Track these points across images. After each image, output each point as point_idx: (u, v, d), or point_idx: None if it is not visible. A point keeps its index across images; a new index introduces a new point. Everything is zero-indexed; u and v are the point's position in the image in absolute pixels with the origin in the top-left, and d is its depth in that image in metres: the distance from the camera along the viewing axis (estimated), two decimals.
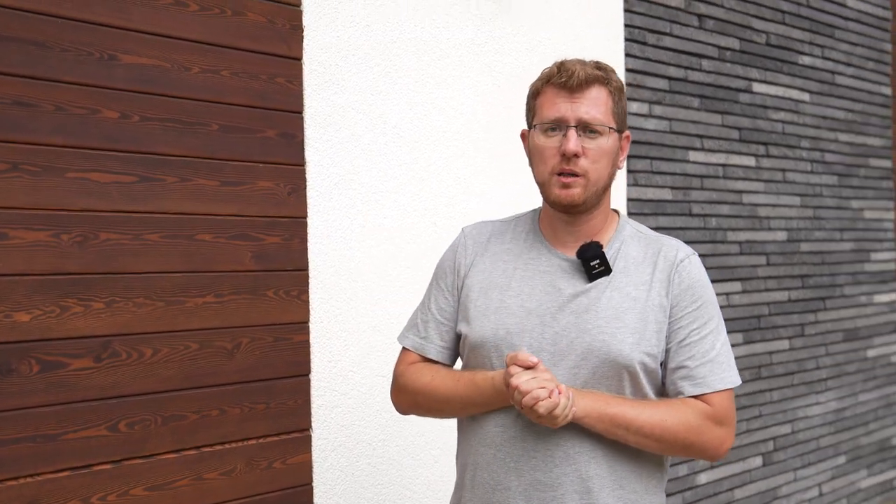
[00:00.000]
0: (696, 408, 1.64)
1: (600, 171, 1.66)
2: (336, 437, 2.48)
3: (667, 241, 1.73)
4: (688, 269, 1.68)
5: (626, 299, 1.65)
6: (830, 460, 4.37)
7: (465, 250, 1.81)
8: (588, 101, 1.65)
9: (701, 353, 1.65)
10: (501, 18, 2.94)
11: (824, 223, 4.35)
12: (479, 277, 1.76)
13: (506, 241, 1.79)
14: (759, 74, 4.00)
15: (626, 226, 1.76)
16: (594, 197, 1.67)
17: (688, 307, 1.66)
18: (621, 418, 1.60)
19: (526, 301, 1.69)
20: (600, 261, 1.66)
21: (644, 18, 3.48)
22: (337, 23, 2.50)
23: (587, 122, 1.65)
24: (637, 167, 3.44)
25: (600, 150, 1.65)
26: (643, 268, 1.69)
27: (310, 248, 2.43)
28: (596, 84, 1.66)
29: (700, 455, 1.69)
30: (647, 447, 1.64)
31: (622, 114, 1.70)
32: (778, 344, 4.09)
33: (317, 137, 2.45)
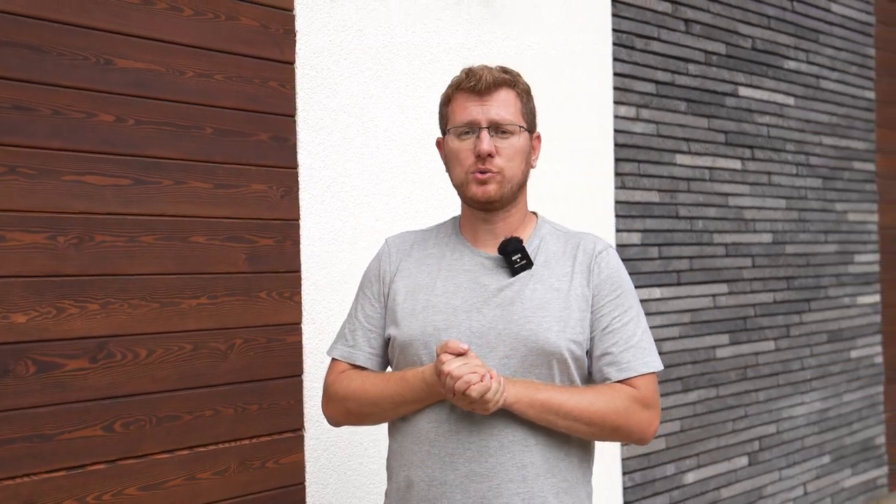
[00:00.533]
0: (622, 392, 1.70)
1: (514, 169, 1.73)
2: (328, 437, 2.50)
3: (584, 236, 1.80)
4: (606, 260, 1.76)
5: (550, 290, 1.72)
6: (815, 460, 4.41)
7: (389, 258, 1.85)
8: (497, 103, 1.73)
9: (624, 339, 1.72)
10: (491, 23, 2.97)
11: (809, 225, 4.40)
12: (404, 282, 1.80)
13: (429, 246, 1.84)
14: (745, 78, 4.05)
15: (544, 224, 1.83)
16: (510, 194, 1.74)
17: (608, 296, 1.73)
18: (551, 403, 1.64)
19: (451, 298, 1.74)
20: (521, 255, 1.73)
21: (632, 23, 3.52)
22: (329, 27, 2.53)
23: (498, 122, 1.72)
24: (624, 170, 3.48)
25: (513, 148, 1.73)
26: (563, 261, 1.76)
27: (302, 250, 2.46)
28: (504, 87, 1.74)
29: (628, 438, 1.74)
30: (577, 431, 1.69)
31: (531, 114, 1.79)
32: (763, 345, 4.13)
33: (309, 141, 2.48)
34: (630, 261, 3.49)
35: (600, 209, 3.38)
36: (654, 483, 3.59)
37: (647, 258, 3.58)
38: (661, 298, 3.63)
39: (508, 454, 1.68)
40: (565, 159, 3.23)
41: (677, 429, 3.69)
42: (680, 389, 3.70)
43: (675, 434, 3.68)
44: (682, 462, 3.71)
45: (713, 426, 3.86)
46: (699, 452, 3.80)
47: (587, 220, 3.31)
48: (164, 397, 2.19)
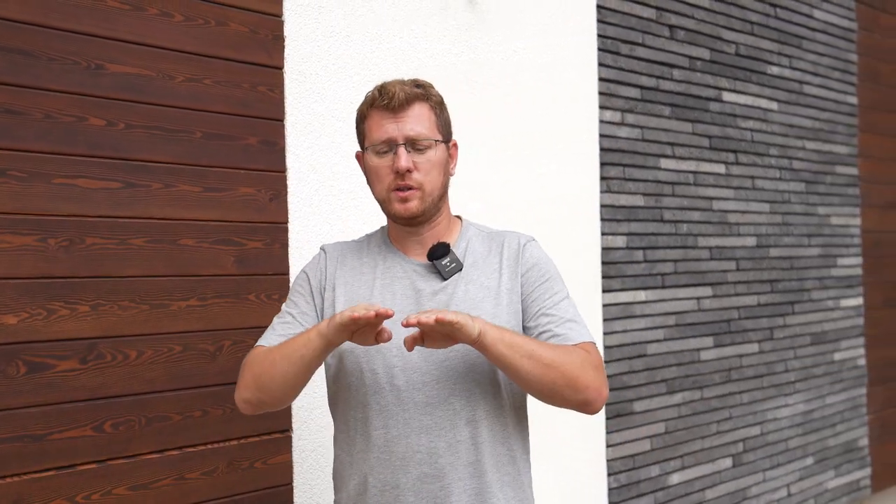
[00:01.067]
0: (577, 349, 1.73)
1: (433, 182, 1.78)
2: (316, 438, 2.53)
3: (508, 234, 1.87)
4: (531, 251, 1.83)
5: (481, 289, 1.79)
6: (799, 461, 4.45)
7: (324, 263, 1.87)
8: (412, 119, 1.76)
9: (558, 316, 1.77)
10: (478, 29, 3.01)
11: (792, 229, 4.45)
12: (342, 291, 1.83)
13: (362, 256, 1.88)
14: (729, 84, 4.09)
15: (469, 227, 1.89)
16: (432, 206, 1.79)
17: (536, 281, 1.80)
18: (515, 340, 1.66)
19: (389, 305, 1.75)
20: (450, 258, 1.79)
21: (617, 29, 3.55)
22: (317, 33, 2.56)
23: (413, 138, 1.76)
24: (610, 174, 3.52)
25: (430, 162, 1.77)
26: (490, 259, 1.83)
27: (290, 252, 2.49)
28: (416, 101, 1.77)
29: (582, 393, 1.70)
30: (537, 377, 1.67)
31: (446, 125, 1.83)
32: (747, 347, 4.17)
33: (297, 145, 2.51)
34: (615, 264, 3.53)
35: (586, 213, 3.41)
36: (638, 484, 3.62)
37: (633, 261, 3.61)
38: (645, 301, 3.66)
39: (456, 454, 1.73)
40: (551, 163, 3.27)
41: (662, 430, 3.72)
42: (664, 391, 3.73)
43: (659, 436, 3.71)
44: (666, 463, 3.74)
45: (698, 428, 3.89)
46: (684, 454, 3.83)
47: (573, 224, 3.35)
48: (153, 398, 2.22)
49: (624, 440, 3.56)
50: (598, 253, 3.46)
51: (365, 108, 1.81)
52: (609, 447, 3.47)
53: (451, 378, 1.74)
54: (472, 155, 2.92)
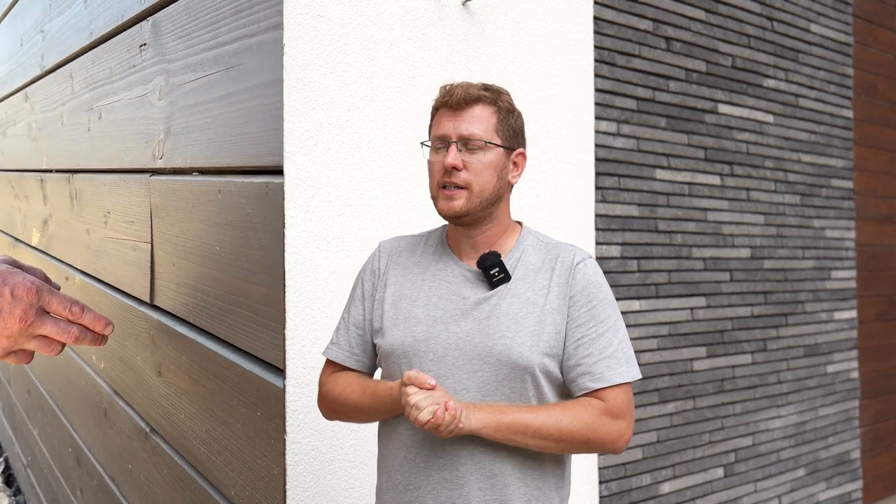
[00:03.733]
0: (590, 405, 1.71)
1: (483, 184, 1.76)
2: (309, 441, 2.54)
3: (564, 247, 1.82)
4: (583, 272, 1.77)
5: (526, 304, 1.75)
6: (790, 473, 4.46)
7: (378, 263, 1.91)
8: (469, 119, 1.77)
9: (598, 350, 1.73)
10: (475, 39, 3.04)
11: (787, 241, 4.47)
12: (391, 290, 1.86)
13: (416, 254, 1.89)
14: (725, 96, 4.12)
15: (527, 236, 1.85)
16: (479, 208, 1.77)
17: (583, 307, 1.75)
18: (517, 425, 1.66)
19: (433, 310, 1.79)
20: (499, 269, 1.76)
21: (613, 41, 3.58)
22: (315, 41, 2.59)
23: (467, 137, 1.76)
24: (605, 184, 3.54)
25: (481, 163, 1.76)
26: (542, 274, 1.78)
27: (286, 258, 2.50)
28: (479, 103, 1.78)
29: (600, 450, 1.76)
30: (547, 449, 1.72)
31: (511, 132, 1.81)
32: (740, 358, 4.19)
33: (295, 151, 2.53)
34: (609, 273, 3.55)
35: (581, 222, 3.43)
36: (630, 492, 3.63)
37: (627, 271, 3.63)
38: (639, 311, 3.68)
39: (478, 463, 1.73)
40: (547, 172, 3.29)
41: (654, 440, 3.74)
42: (657, 401, 3.74)
43: (651, 445, 3.72)
44: (658, 472, 3.75)
45: (689, 437, 3.91)
46: (675, 463, 3.84)
47: (567, 233, 3.37)
48: None
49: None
50: None
51: (434, 108, 1.85)
52: (600, 455, 3.49)
53: (481, 389, 1.73)
54: None
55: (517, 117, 1.83)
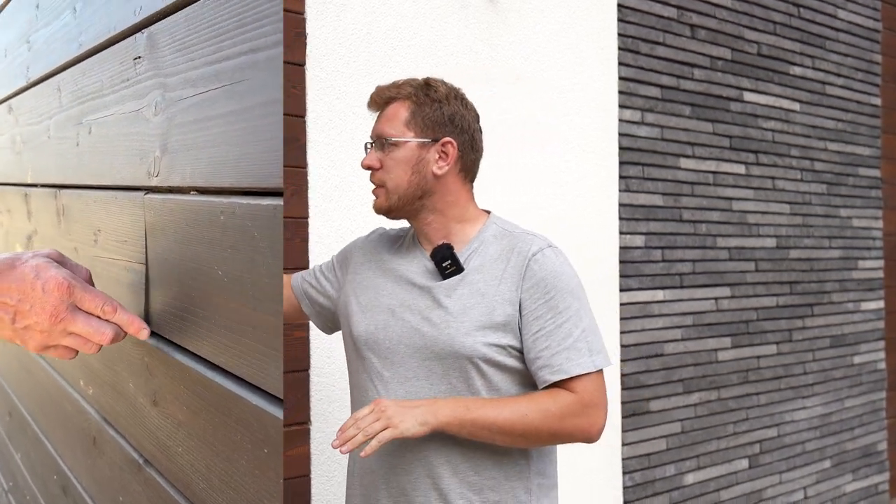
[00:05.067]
0: (558, 397, 1.68)
1: (396, 180, 1.77)
2: (333, 430, 2.55)
3: (523, 237, 1.78)
4: (539, 262, 1.73)
5: (475, 295, 1.73)
6: (816, 464, 4.43)
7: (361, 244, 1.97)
8: (383, 118, 1.80)
9: (556, 342, 1.69)
10: (498, 27, 3.02)
11: (813, 231, 4.42)
12: (364, 276, 1.89)
13: (394, 245, 1.92)
14: (751, 84, 4.07)
15: (490, 226, 1.82)
16: (402, 204, 1.79)
17: (539, 299, 1.71)
18: (482, 420, 1.64)
19: (391, 299, 1.81)
20: (451, 261, 1.76)
21: (637, 28, 3.55)
22: (339, 30, 2.58)
23: (379, 136, 1.79)
24: (629, 173, 3.52)
25: (393, 160, 1.77)
26: (497, 264, 1.75)
27: (310, 247, 2.51)
28: (393, 101, 1.80)
29: (571, 441, 1.73)
30: (516, 444, 1.70)
31: (429, 123, 1.78)
32: (765, 349, 4.16)
33: (318, 141, 2.53)
34: (633, 263, 3.53)
35: (604, 212, 3.42)
36: (653, 483, 3.62)
37: (651, 261, 3.61)
38: (663, 301, 3.66)
39: (426, 450, 1.72)
40: (570, 161, 3.27)
41: (678, 430, 3.72)
42: (681, 391, 3.72)
43: (675, 435, 3.71)
44: (682, 463, 3.74)
45: (714, 428, 3.89)
46: (699, 454, 3.82)
47: (591, 223, 3.35)
48: None
49: (639, 439, 3.56)
50: (616, 252, 3.46)
51: None
52: (624, 446, 3.48)
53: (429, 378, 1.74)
54: (490, 153, 2.93)
55: (442, 106, 1.78)
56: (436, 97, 1.79)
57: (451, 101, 1.80)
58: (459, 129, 1.80)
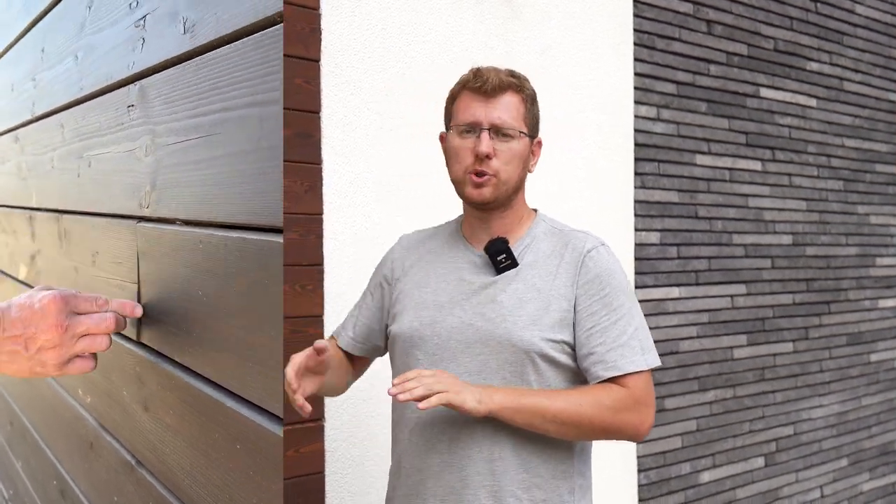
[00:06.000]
0: (611, 391, 1.68)
1: (510, 172, 1.76)
2: (348, 427, 2.55)
3: (576, 235, 1.79)
4: (594, 259, 1.74)
5: (530, 290, 1.73)
6: (832, 463, 4.40)
7: (393, 255, 1.95)
8: (501, 106, 1.76)
9: (611, 339, 1.70)
10: (513, 22, 3.01)
11: (830, 228, 4.39)
12: (406, 279, 1.88)
13: (430, 243, 1.91)
14: (767, 80, 4.05)
15: (540, 223, 1.84)
16: (504, 196, 1.78)
17: (595, 295, 1.72)
18: (537, 407, 1.64)
19: (439, 295, 1.80)
20: (506, 255, 1.76)
21: (653, 24, 3.53)
22: (353, 26, 2.57)
23: (499, 125, 1.75)
24: (644, 170, 3.50)
25: (511, 152, 1.76)
26: (551, 260, 1.76)
27: (325, 244, 2.50)
28: (509, 90, 1.77)
29: (620, 437, 1.73)
30: (566, 435, 1.70)
31: (534, 120, 1.82)
32: (782, 346, 4.13)
33: (333, 137, 2.52)
34: (648, 260, 3.51)
35: (620, 208, 3.40)
36: (669, 481, 3.60)
37: (666, 258, 3.59)
38: (678, 298, 3.64)
39: (477, 447, 1.71)
40: (586, 158, 3.25)
41: (693, 428, 3.70)
42: (696, 389, 3.71)
43: (691, 433, 3.69)
44: (697, 461, 3.72)
45: (729, 426, 3.87)
46: (715, 452, 3.80)
47: (606, 219, 3.33)
48: None
49: (655, 437, 3.54)
50: (632, 248, 3.45)
51: (457, 89, 1.83)
52: (640, 443, 3.46)
53: (482, 372, 1.72)
54: None
55: (537, 105, 1.84)
56: (535, 95, 1.83)
57: (537, 102, 1.85)
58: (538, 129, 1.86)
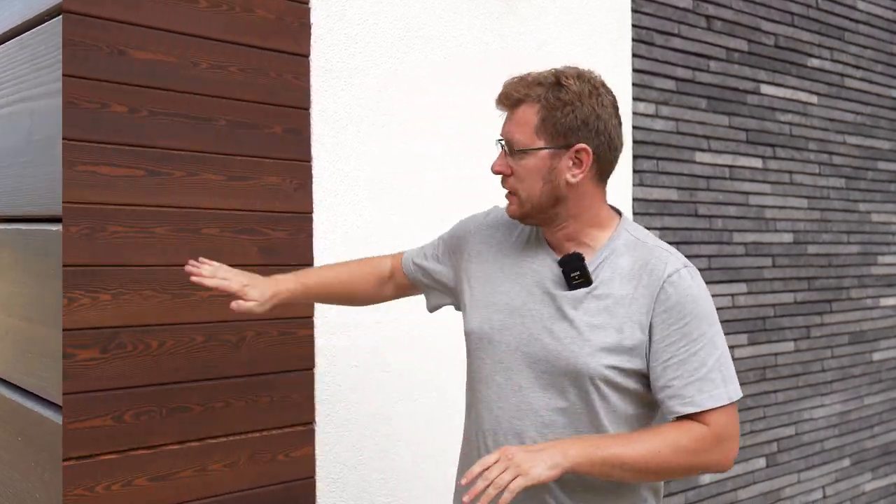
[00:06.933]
0: (691, 431, 1.59)
1: (528, 190, 1.66)
2: (339, 431, 2.50)
3: (657, 254, 1.66)
4: (675, 286, 1.61)
5: (602, 313, 1.63)
6: (835, 463, 4.36)
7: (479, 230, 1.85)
8: (512, 122, 1.68)
9: (689, 372, 1.60)
10: (509, 17, 2.95)
11: (831, 226, 4.35)
12: (481, 267, 1.80)
13: (513, 234, 1.80)
14: (767, 76, 4.00)
15: (622, 233, 1.71)
16: (535, 212, 1.68)
17: (673, 325, 1.61)
18: (614, 459, 1.56)
19: (513, 299, 1.71)
20: (580, 272, 1.65)
21: (652, 19, 3.49)
22: (345, 20, 2.52)
23: (508, 142, 1.68)
24: (643, 167, 3.45)
25: (524, 169, 1.66)
26: (628, 281, 1.64)
27: (315, 243, 2.45)
28: (523, 103, 1.66)
29: (704, 472, 1.68)
30: (646, 480, 1.64)
31: (560, 129, 1.63)
32: (783, 346, 4.09)
33: (323, 134, 2.47)
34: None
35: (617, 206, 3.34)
36: (669, 483, 3.56)
37: None
38: None
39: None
40: None
41: None
42: None
43: None
44: None
45: None
46: None
47: None
48: (175, 388, 2.19)
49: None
50: None
51: None
52: None
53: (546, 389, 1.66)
54: None
55: (575, 109, 1.63)
56: (568, 98, 1.63)
57: (585, 101, 1.63)
58: (595, 131, 1.65)
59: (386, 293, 2.04)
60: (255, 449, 2.33)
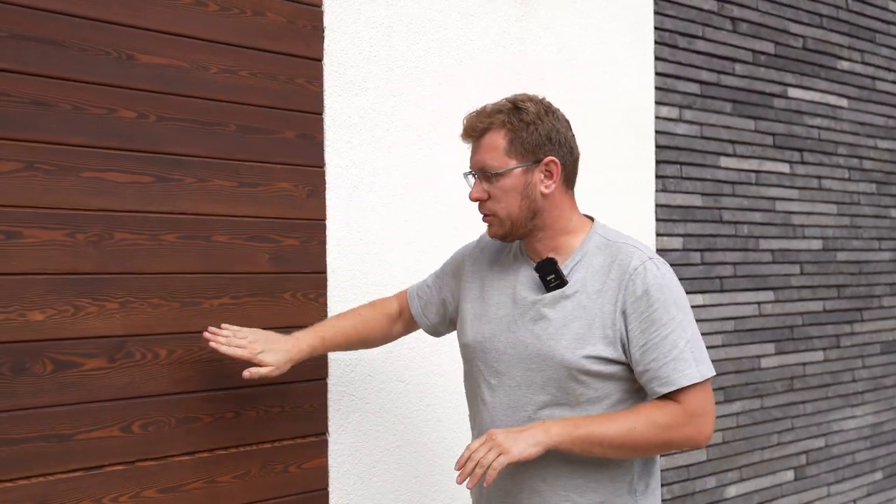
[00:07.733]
0: (665, 408, 1.76)
1: (508, 209, 1.84)
2: (352, 441, 2.45)
3: (624, 250, 1.82)
4: (641, 276, 1.77)
5: (577, 308, 1.80)
6: (866, 476, 4.27)
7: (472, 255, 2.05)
8: (481, 150, 1.84)
9: (662, 354, 1.75)
10: (527, 20, 2.91)
11: (862, 232, 4.27)
12: (474, 285, 1.99)
13: (501, 254, 1.99)
14: (795, 79, 3.93)
15: (594, 236, 1.87)
16: (517, 228, 1.86)
17: (643, 312, 1.76)
18: (593, 436, 1.73)
19: (499, 309, 1.90)
20: (555, 275, 1.82)
21: (675, 21, 3.43)
22: (358, 24, 2.48)
23: (482, 168, 1.84)
24: (666, 173, 3.39)
25: (501, 189, 1.83)
26: (598, 277, 1.81)
27: (328, 250, 2.41)
28: (488, 131, 1.83)
29: (680, 448, 1.82)
30: (626, 456, 1.80)
31: (528, 146, 1.82)
32: (812, 355, 4.01)
33: (336, 139, 2.43)
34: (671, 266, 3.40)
35: (641, 213, 3.29)
36: (693, 496, 3.49)
37: (690, 264, 3.49)
38: (703, 305, 3.53)
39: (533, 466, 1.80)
40: (604, 161, 3.15)
41: (719, 440, 3.59)
42: (722, 400, 3.60)
43: (716, 446, 3.58)
44: (723, 475, 3.60)
45: (757, 438, 3.75)
46: (742, 465, 3.69)
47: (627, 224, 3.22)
48: (184, 398, 2.16)
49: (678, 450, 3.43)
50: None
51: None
52: (662, 456, 3.35)
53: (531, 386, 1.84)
54: None
55: (537, 127, 1.82)
56: (529, 119, 1.82)
57: (544, 119, 1.83)
58: (557, 143, 1.84)
59: (396, 331, 2.21)
60: (266, 460, 2.29)
